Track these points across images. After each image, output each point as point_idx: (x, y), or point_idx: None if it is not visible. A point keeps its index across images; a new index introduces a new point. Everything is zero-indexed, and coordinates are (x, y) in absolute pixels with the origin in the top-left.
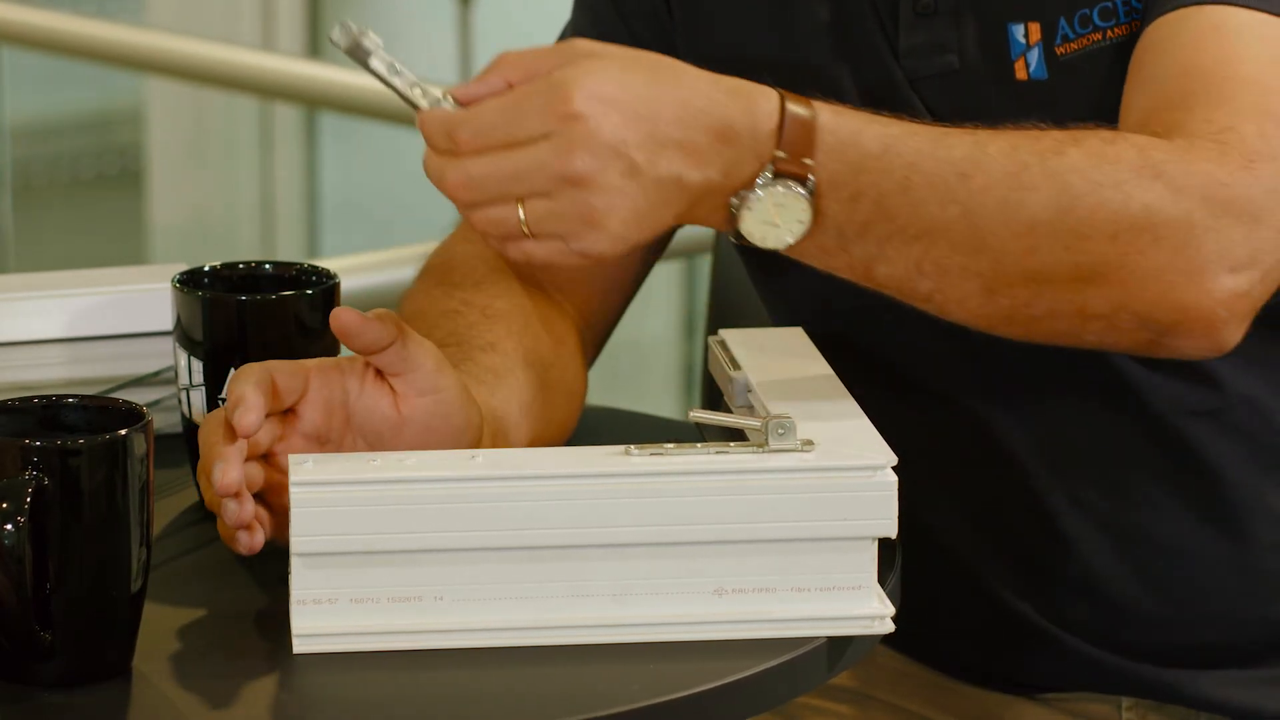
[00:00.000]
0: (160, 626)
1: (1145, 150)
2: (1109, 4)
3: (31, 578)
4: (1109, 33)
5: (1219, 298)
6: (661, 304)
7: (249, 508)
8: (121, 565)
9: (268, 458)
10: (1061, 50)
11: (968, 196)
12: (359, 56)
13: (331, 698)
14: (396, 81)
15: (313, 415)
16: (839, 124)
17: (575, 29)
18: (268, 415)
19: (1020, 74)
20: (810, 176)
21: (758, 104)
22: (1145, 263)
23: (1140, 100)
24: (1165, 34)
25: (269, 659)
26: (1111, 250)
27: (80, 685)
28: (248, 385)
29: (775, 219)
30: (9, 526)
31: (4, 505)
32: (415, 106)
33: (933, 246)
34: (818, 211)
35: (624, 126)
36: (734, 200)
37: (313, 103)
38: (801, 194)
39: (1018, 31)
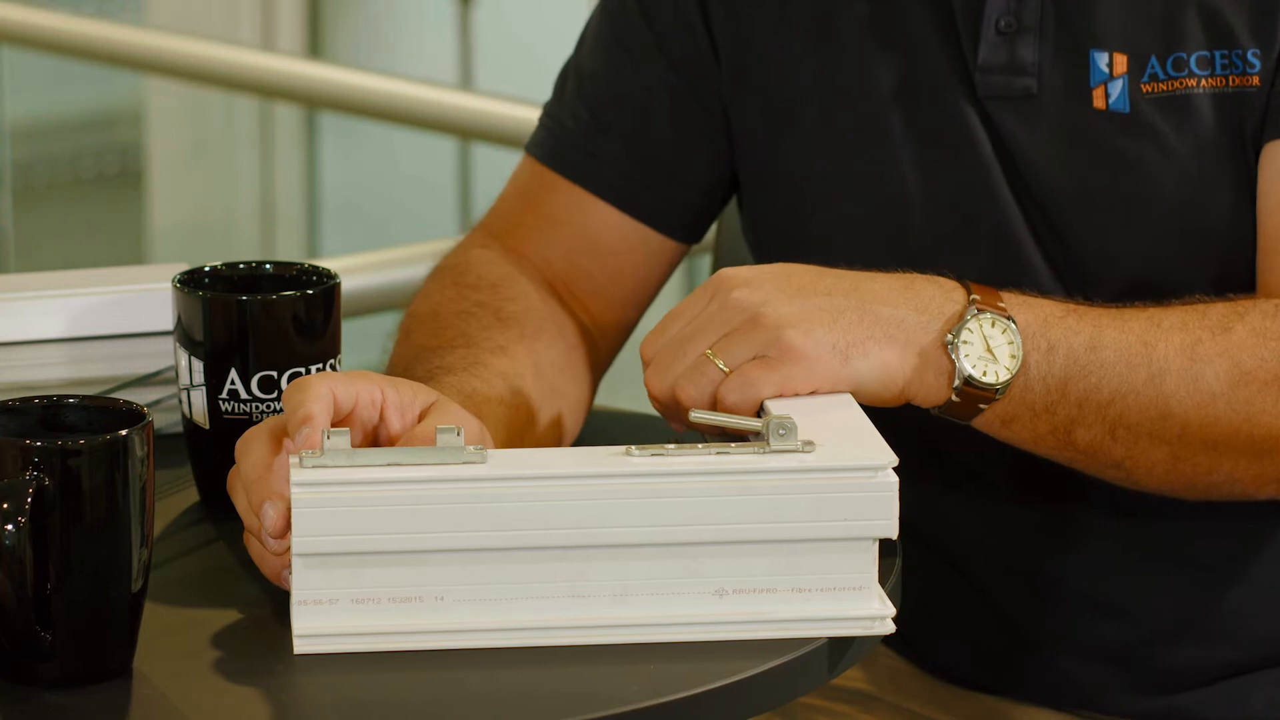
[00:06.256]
0: (160, 626)
1: None
2: (1206, 53)
3: (32, 578)
4: (1203, 82)
5: None
6: (662, 304)
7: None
8: (121, 565)
9: None
10: (1149, 88)
11: (1152, 363)
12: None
13: (331, 698)
14: None
15: (356, 433)
16: (1017, 294)
17: (597, 36)
18: None
19: (1098, 103)
20: (1011, 317)
21: (936, 278)
22: None
23: None
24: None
25: (269, 659)
26: None
27: (80, 685)
28: (316, 404)
29: (990, 353)
30: (10, 527)
31: (5, 505)
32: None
33: (1125, 410)
34: (1022, 356)
35: (775, 273)
36: (949, 336)
37: (313, 103)
38: (1011, 325)
39: (1101, 60)
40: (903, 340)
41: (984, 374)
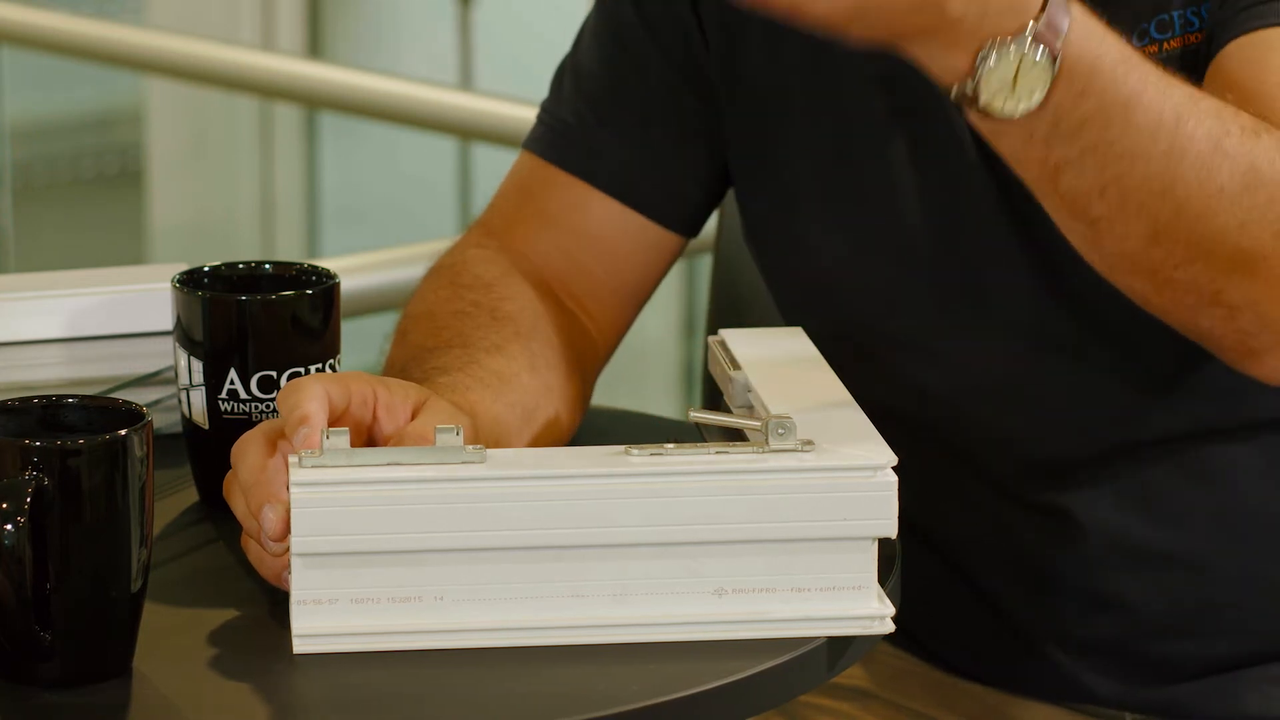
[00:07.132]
0: (160, 626)
1: None
2: (1165, 16)
3: (31, 578)
4: (1165, 45)
5: None
6: (661, 304)
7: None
8: (121, 565)
9: None
10: None
11: (1176, 138)
12: None
13: (331, 697)
14: None
15: (351, 433)
16: (1089, 20)
17: (594, 34)
18: None
19: None
20: (1058, 54)
21: None
22: None
23: None
24: (1245, 57)
25: (269, 659)
26: (1274, 245)
27: (80, 685)
28: (313, 403)
29: (1014, 83)
30: (9, 526)
31: (4, 505)
32: None
33: (1128, 173)
34: (1049, 93)
35: None
36: (985, 47)
37: (313, 103)
38: (1049, 66)
39: None
40: (936, 25)
41: (990, 101)
